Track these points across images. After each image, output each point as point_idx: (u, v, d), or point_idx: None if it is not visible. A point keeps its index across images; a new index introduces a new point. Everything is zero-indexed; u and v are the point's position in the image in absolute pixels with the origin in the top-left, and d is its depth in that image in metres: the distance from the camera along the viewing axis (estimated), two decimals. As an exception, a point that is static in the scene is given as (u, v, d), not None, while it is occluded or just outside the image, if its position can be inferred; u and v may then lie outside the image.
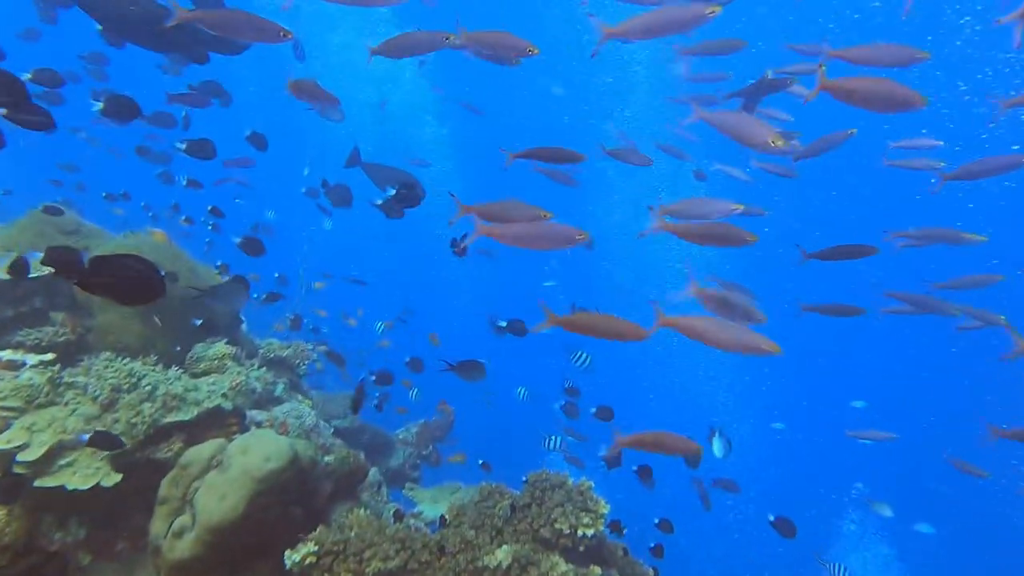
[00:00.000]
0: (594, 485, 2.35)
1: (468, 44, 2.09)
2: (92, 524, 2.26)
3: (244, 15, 2.12)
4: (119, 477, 2.21)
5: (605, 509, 2.26)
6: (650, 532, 3.46)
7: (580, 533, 2.17)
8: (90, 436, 2.14)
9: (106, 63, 4.38)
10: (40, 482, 2.12)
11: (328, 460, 2.64)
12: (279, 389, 3.04)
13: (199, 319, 2.85)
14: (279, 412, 2.87)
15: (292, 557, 2.02)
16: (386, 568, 2.00)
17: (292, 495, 2.31)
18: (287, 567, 2.01)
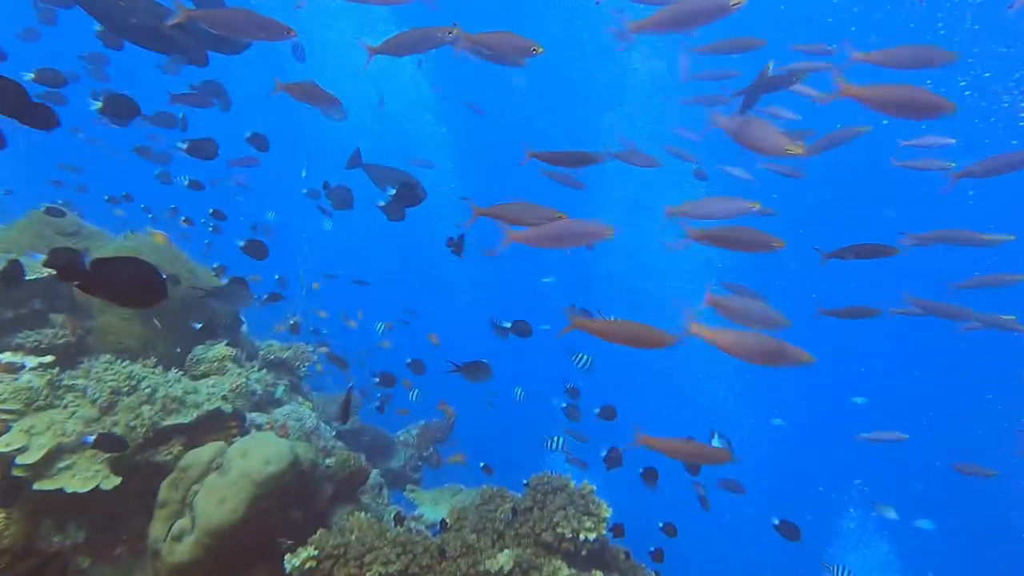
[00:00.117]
0: (596, 488, 2.34)
1: (470, 46, 2.07)
2: (91, 527, 2.24)
3: (247, 13, 2.10)
4: (118, 480, 2.20)
5: (607, 513, 2.24)
6: (652, 535, 3.45)
7: (582, 537, 2.16)
8: (94, 438, 2.13)
9: (106, 63, 4.37)
10: (39, 485, 2.11)
11: (329, 462, 2.63)
12: (279, 391, 3.03)
13: (199, 322, 2.83)
14: (279, 414, 2.85)
15: (292, 561, 2.00)
16: (387, 572, 1.99)
17: (292, 498, 2.30)
18: (287, 571, 1.99)
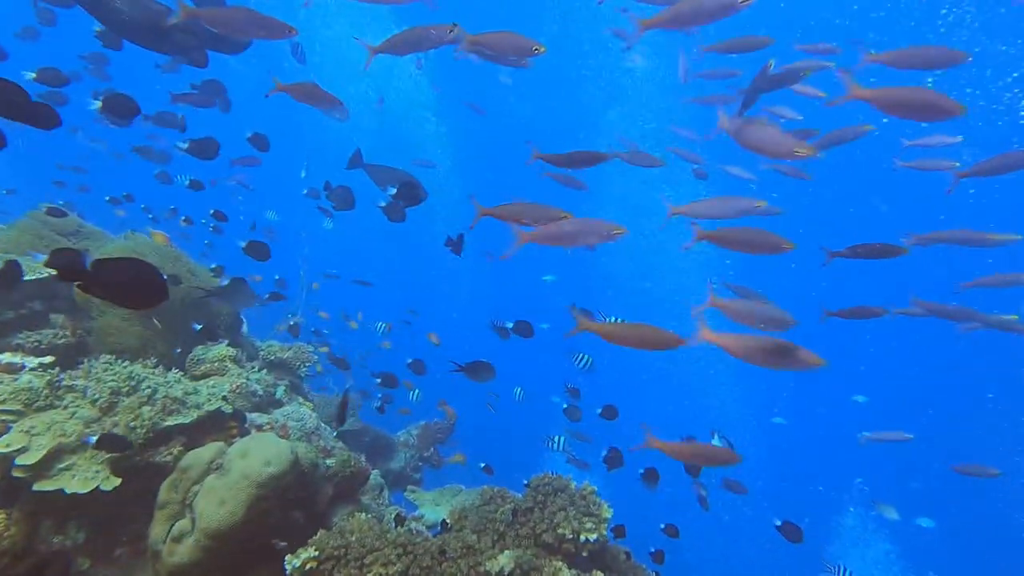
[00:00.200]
0: (597, 489, 2.33)
1: (472, 47, 2.07)
2: (91, 528, 2.24)
3: (249, 12, 2.09)
4: (118, 481, 2.19)
5: (608, 513, 2.23)
6: (653, 535, 3.44)
7: (583, 538, 2.15)
8: (97, 438, 2.12)
9: (107, 63, 4.36)
10: (39, 486, 2.10)
11: (329, 463, 2.63)
12: (280, 392, 3.02)
13: (200, 322, 2.83)
14: (280, 415, 2.85)
15: (292, 562, 2.00)
16: (388, 573, 1.98)
17: (293, 499, 2.30)
18: (287, 572, 1.99)
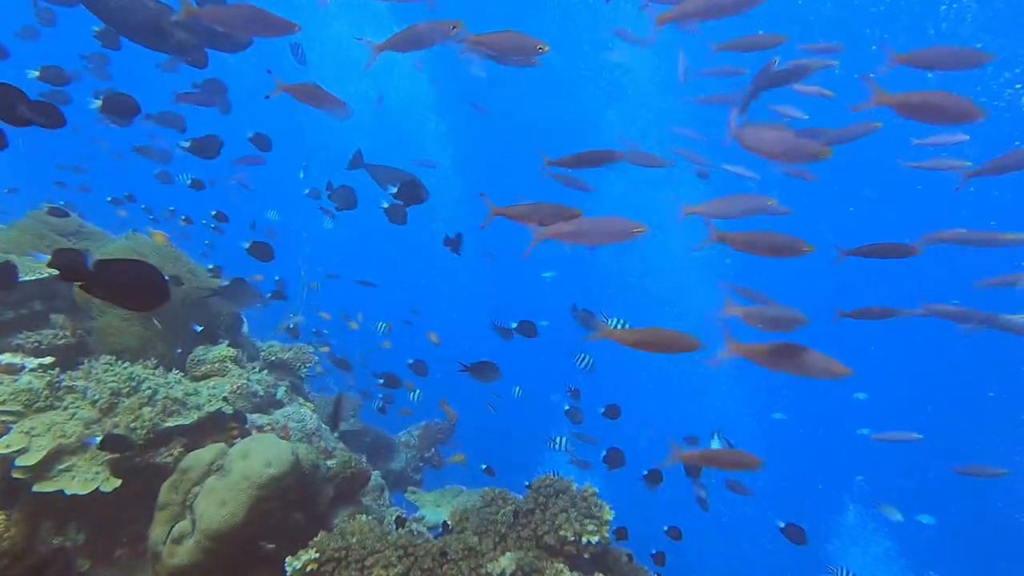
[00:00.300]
0: (599, 491, 2.32)
1: (475, 47, 2.06)
2: (91, 529, 2.23)
3: (252, 9, 2.08)
4: (118, 482, 2.18)
5: (610, 515, 2.22)
6: (654, 535, 3.42)
7: (584, 540, 2.14)
8: (101, 439, 2.12)
9: (108, 62, 4.35)
10: (39, 487, 2.10)
11: (330, 464, 2.62)
12: (280, 392, 3.01)
13: (200, 323, 2.82)
14: (280, 416, 2.84)
15: (293, 564, 1.99)
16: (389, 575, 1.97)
17: (293, 500, 2.29)
18: (288, 574, 1.98)
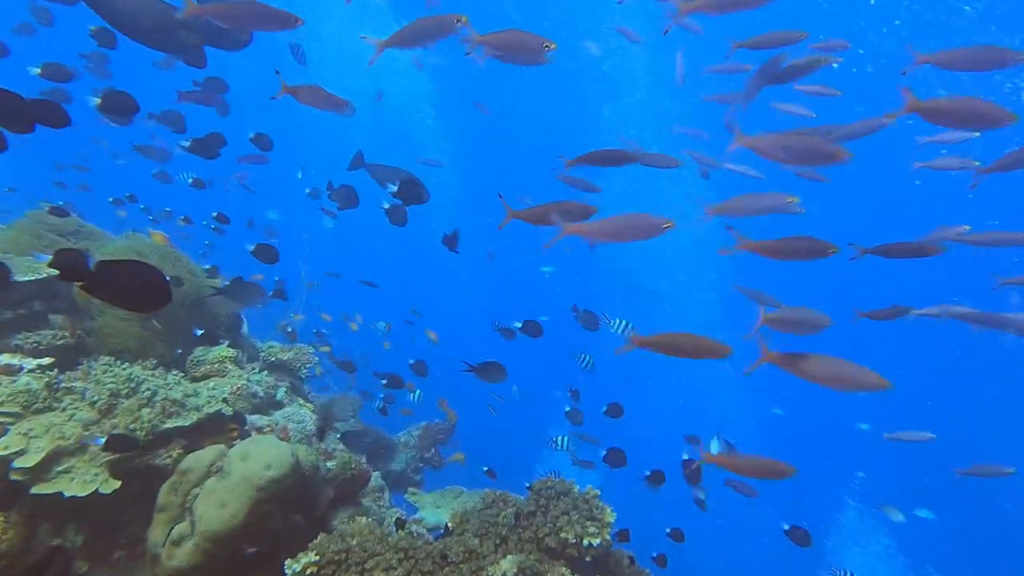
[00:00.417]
0: (600, 493, 2.31)
1: (479, 46, 2.05)
2: (90, 531, 2.22)
3: (253, 4, 2.07)
4: (117, 484, 2.17)
5: (611, 517, 2.21)
6: (655, 536, 3.41)
7: (586, 542, 2.13)
8: (106, 439, 2.11)
9: (108, 61, 4.33)
10: (37, 489, 2.09)
11: (330, 466, 2.61)
12: (280, 393, 3.00)
13: (200, 323, 2.81)
14: (280, 417, 2.83)
15: (293, 567, 1.98)
16: (388, 578, 1.96)
17: (293, 503, 2.28)
18: (287, 577, 1.97)
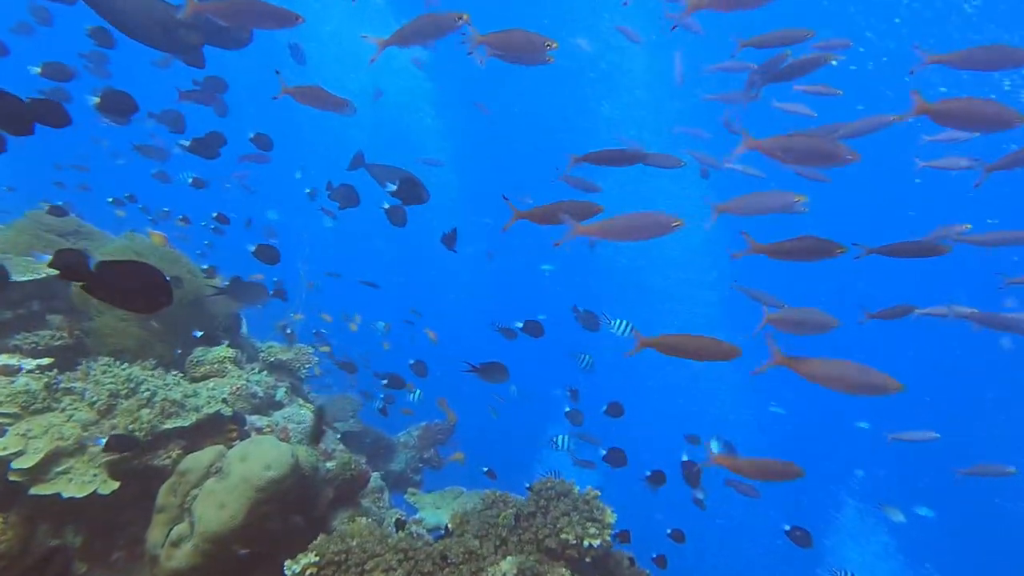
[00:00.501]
0: (600, 493, 2.30)
1: (481, 45, 2.04)
2: (88, 532, 2.21)
3: (254, 2, 2.07)
4: (116, 485, 2.17)
5: (612, 518, 2.21)
6: (656, 536, 3.41)
7: (586, 543, 2.13)
8: (107, 440, 2.11)
9: (107, 61, 4.32)
10: (35, 490, 2.08)
11: (329, 466, 2.60)
12: (280, 393, 2.99)
13: (199, 323, 2.80)
14: (280, 417, 2.82)
15: (292, 568, 1.97)
16: (388, 579, 1.95)
17: (293, 503, 2.27)
18: (287, 578, 1.96)
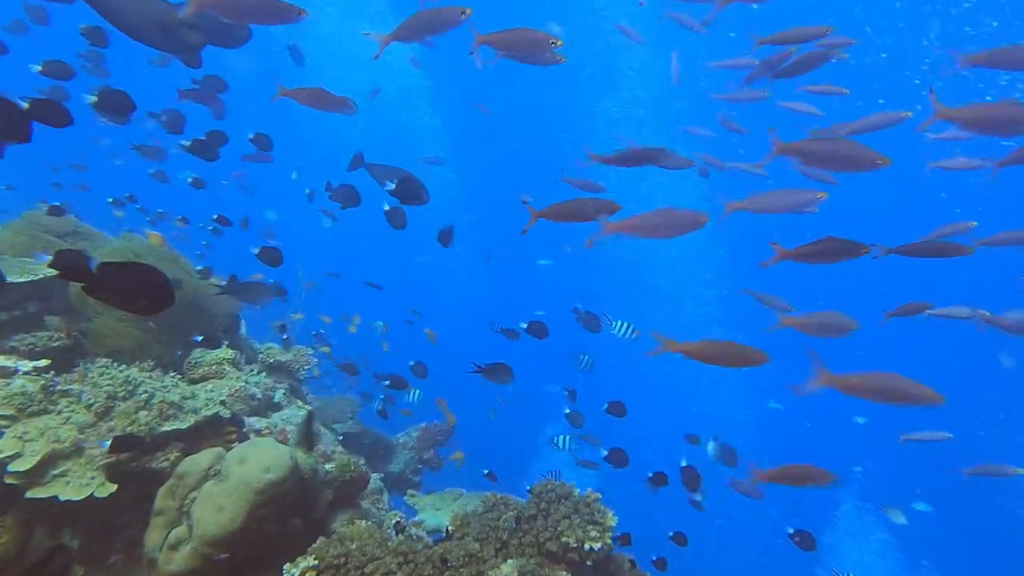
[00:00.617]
0: (601, 496, 2.29)
1: (486, 45, 2.03)
2: (85, 535, 2.20)
3: None
4: (114, 487, 2.15)
5: (613, 521, 2.20)
6: (656, 536, 3.40)
7: (587, 546, 2.11)
8: (111, 441, 2.11)
9: (104, 60, 4.30)
10: (32, 493, 2.06)
11: (329, 468, 2.58)
12: (279, 395, 2.98)
13: (199, 328, 2.78)
14: (279, 419, 2.80)
15: (291, 571, 1.96)
16: (388, 583, 1.94)
17: (292, 506, 2.25)
18: (286, 582, 1.95)
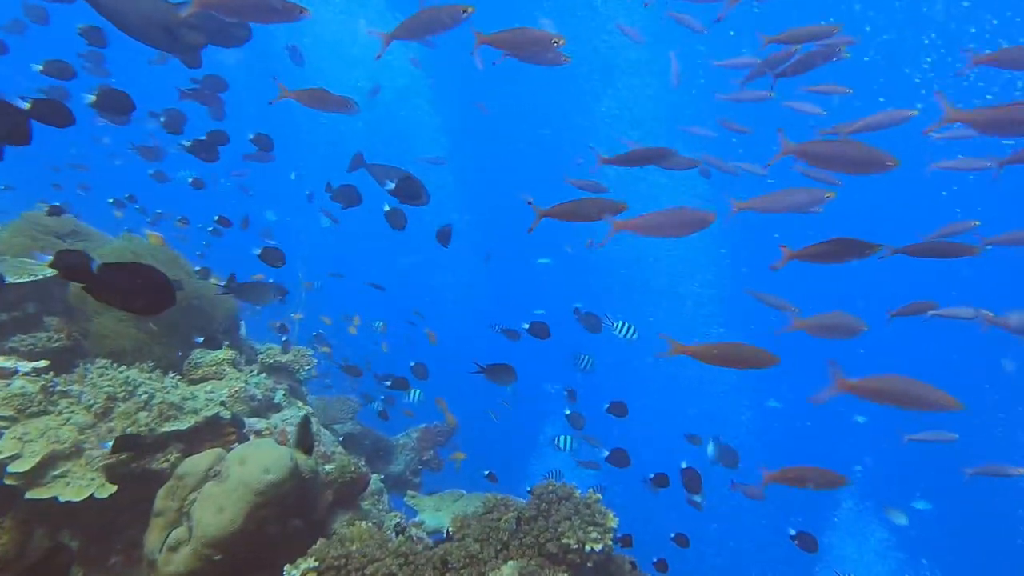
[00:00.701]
0: (602, 497, 2.29)
1: (488, 45, 2.03)
2: (85, 536, 2.19)
3: None
4: (113, 488, 2.15)
5: (613, 523, 2.19)
6: (657, 536, 3.40)
7: (588, 548, 2.11)
8: (113, 442, 2.10)
9: (104, 59, 4.30)
10: (32, 494, 2.06)
11: (329, 469, 2.58)
12: (279, 396, 2.97)
13: (198, 327, 2.78)
14: (279, 420, 2.80)
15: (292, 573, 1.96)
16: (388, 584, 1.94)
17: (292, 507, 2.25)
18: (286, 583, 1.95)
